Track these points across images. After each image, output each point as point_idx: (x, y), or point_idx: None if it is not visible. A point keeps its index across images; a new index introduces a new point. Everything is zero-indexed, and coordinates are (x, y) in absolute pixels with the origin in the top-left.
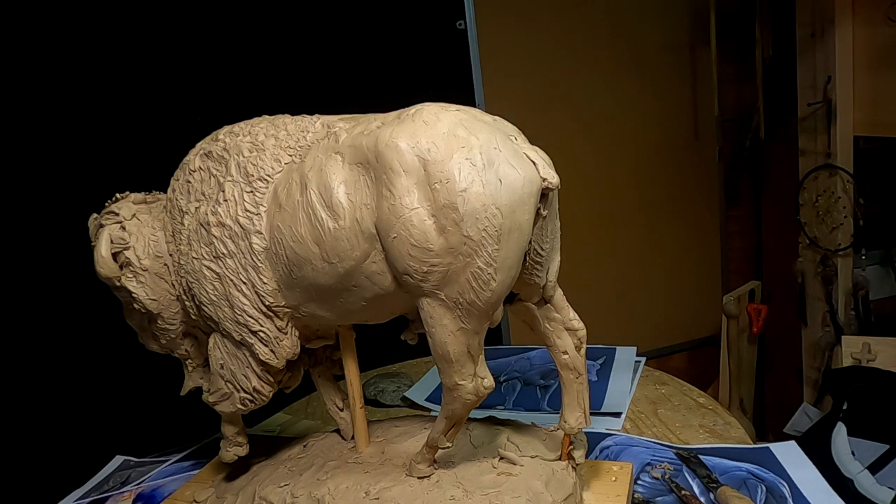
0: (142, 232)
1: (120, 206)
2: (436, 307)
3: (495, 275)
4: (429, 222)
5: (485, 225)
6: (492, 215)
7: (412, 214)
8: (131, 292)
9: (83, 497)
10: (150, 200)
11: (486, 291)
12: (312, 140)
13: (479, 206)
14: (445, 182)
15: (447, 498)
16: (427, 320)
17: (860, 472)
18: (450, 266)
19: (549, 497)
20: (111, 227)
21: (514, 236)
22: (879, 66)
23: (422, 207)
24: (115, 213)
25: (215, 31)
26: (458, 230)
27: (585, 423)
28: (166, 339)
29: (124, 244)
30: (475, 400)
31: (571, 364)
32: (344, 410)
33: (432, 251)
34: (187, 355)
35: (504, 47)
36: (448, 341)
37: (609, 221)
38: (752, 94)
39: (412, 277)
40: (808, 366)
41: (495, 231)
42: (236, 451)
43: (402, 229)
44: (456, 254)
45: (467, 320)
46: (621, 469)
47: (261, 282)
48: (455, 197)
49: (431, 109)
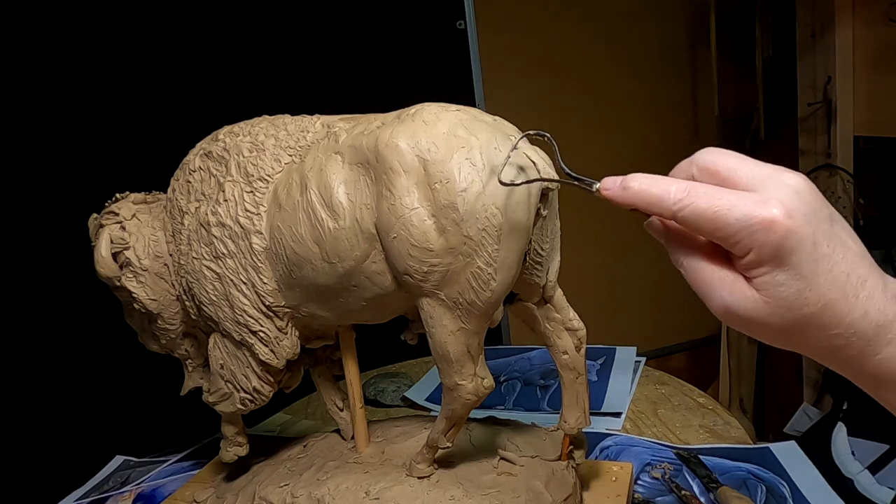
0: (142, 232)
1: (120, 206)
2: (436, 307)
3: (495, 275)
4: (429, 222)
5: (485, 225)
6: (492, 215)
7: (412, 214)
8: (131, 292)
9: (83, 497)
10: (151, 200)
11: (487, 291)
12: (312, 140)
13: (479, 206)
14: (445, 182)
15: (447, 498)
16: (427, 320)
17: (860, 472)
18: (450, 266)
19: (550, 497)
20: (111, 227)
21: (515, 236)
22: (879, 66)
23: (422, 207)
24: (115, 213)
25: (215, 31)
26: (458, 230)
27: (585, 423)
28: (166, 339)
29: (124, 244)
30: (475, 400)
31: (571, 364)
32: (344, 410)
33: (432, 251)
34: (187, 355)
35: (504, 47)
36: (448, 341)
37: (609, 221)
38: (752, 94)
39: (412, 277)
40: (808, 366)
41: (495, 231)
42: (236, 451)
43: (402, 229)
44: (456, 254)
45: (467, 320)
46: (621, 469)
47: (261, 282)
48: (455, 197)
49: (431, 109)
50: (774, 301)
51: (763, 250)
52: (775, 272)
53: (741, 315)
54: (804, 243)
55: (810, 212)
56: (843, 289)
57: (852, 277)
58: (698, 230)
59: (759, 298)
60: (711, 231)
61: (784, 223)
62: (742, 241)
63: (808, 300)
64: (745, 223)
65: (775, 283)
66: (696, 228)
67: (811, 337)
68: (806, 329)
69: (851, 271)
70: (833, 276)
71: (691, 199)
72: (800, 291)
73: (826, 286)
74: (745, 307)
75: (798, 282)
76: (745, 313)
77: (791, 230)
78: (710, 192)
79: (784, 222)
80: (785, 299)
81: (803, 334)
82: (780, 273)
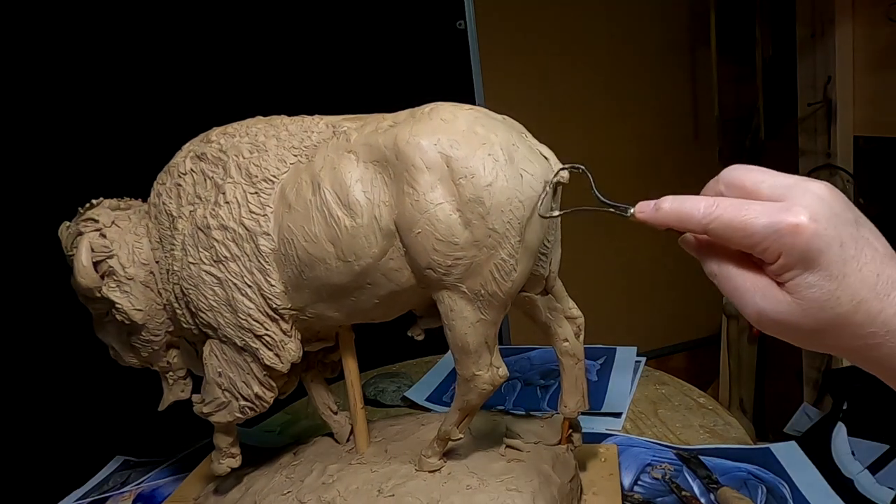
0: (125, 239)
1: (98, 213)
2: (457, 300)
3: (517, 266)
4: (454, 216)
5: (509, 218)
6: (515, 208)
7: (437, 209)
8: (115, 303)
9: (83, 497)
10: (124, 206)
11: (508, 282)
12: (318, 140)
13: (503, 200)
14: (471, 177)
15: (463, 488)
16: (447, 313)
17: (860, 472)
18: (474, 259)
19: (558, 478)
20: (90, 234)
21: (534, 228)
22: (879, 66)
23: (446, 202)
24: (94, 220)
25: (214, 31)
26: (483, 223)
27: (584, 407)
28: (148, 351)
29: (107, 252)
30: (491, 389)
31: (572, 351)
32: (338, 413)
33: (457, 245)
34: (169, 367)
35: (504, 47)
36: (468, 333)
37: (609, 221)
38: (752, 94)
39: (435, 271)
40: (808, 366)
41: (518, 223)
42: (229, 462)
43: (427, 224)
44: (480, 246)
45: (487, 311)
46: (607, 450)
47: (268, 284)
48: (481, 191)
49: (447, 108)
50: (806, 302)
51: (791, 254)
52: (805, 274)
53: (775, 318)
54: (831, 245)
55: (834, 215)
56: (875, 288)
57: (882, 277)
58: (729, 241)
59: (791, 301)
60: (741, 240)
61: (809, 226)
62: (770, 246)
63: (840, 300)
64: (773, 229)
65: (806, 284)
66: (727, 239)
67: (845, 337)
68: (840, 329)
69: (881, 272)
70: (863, 275)
71: (720, 211)
72: (831, 292)
73: (857, 286)
74: (778, 310)
75: (829, 282)
76: (778, 316)
77: (816, 232)
78: (737, 203)
79: (809, 225)
80: (817, 300)
81: (837, 334)
82: (810, 275)
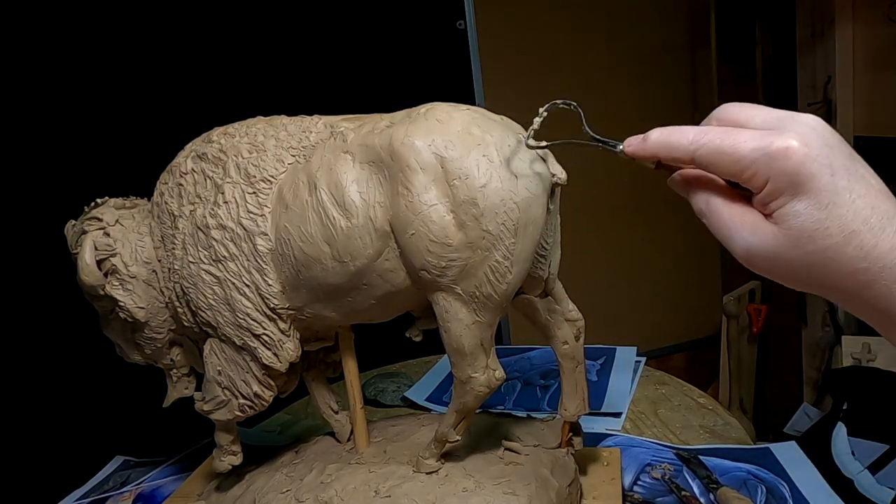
0: (128, 238)
1: (102, 212)
2: (452, 301)
3: (512, 268)
4: (448, 218)
5: (503, 219)
6: (510, 210)
7: (431, 210)
8: (118, 301)
9: (83, 497)
10: (129, 206)
11: (503, 284)
12: (316, 140)
13: (497, 201)
14: (465, 178)
15: (460, 490)
16: (442, 315)
17: (860, 472)
18: (468, 260)
19: (556, 483)
20: (94, 233)
21: (530, 230)
22: (879, 66)
23: (440, 204)
24: (98, 219)
25: (217, 31)
26: (477, 225)
27: (584, 410)
28: (151, 348)
29: (111, 250)
30: (487, 392)
31: (571, 353)
32: (339, 413)
33: (451, 246)
34: (172, 365)
35: (504, 47)
36: (463, 335)
37: (609, 221)
38: (752, 94)
39: (429, 273)
40: (808, 366)
41: (513, 225)
42: (231, 460)
43: (421, 225)
44: (475, 248)
45: (482, 313)
46: (610, 454)
47: (265, 284)
48: (475, 192)
49: (443, 108)
50: (795, 232)
51: (780, 179)
52: (793, 201)
53: (763, 253)
54: (822, 171)
55: (827, 144)
56: (868, 221)
57: (878, 211)
58: (716, 169)
59: (778, 232)
60: (728, 165)
61: (799, 149)
62: (759, 171)
63: (830, 230)
64: (762, 152)
65: (794, 213)
66: (714, 166)
67: (837, 273)
68: (831, 264)
69: (876, 205)
70: (856, 207)
71: (708, 138)
72: (820, 221)
73: (849, 217)
74: (766, 243)
75: (817, 211)
76: (767, 250)
77: (807, 156)
78: (726, 130)
79: (800, 148)
80: (805, 230)
81: (829, 269)
82: (798, 202)
